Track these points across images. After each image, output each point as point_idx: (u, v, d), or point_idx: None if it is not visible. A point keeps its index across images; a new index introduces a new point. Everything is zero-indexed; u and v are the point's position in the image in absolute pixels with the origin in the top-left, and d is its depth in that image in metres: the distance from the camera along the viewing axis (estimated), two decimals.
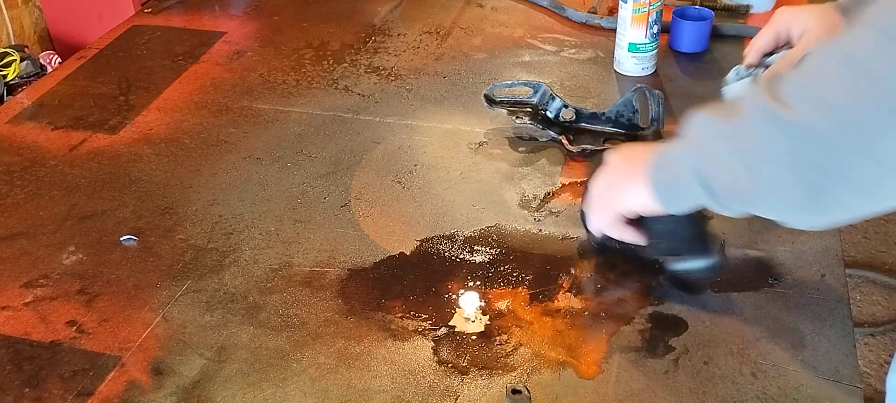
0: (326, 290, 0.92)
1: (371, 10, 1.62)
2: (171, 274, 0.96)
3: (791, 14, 1.03)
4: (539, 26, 1.52)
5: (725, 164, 0.69)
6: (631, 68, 1.34)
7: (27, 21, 2.46)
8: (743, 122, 0.67)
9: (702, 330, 0.85)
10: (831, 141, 0.61)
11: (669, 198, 0.78)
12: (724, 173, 0.69)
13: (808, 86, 0.63)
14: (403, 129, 1.22)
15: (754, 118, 0.66)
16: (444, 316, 0.88)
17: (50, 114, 1.30)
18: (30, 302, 0.93)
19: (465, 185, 1.09)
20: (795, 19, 1.03)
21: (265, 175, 1.13)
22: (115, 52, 1.49)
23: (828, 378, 0.79)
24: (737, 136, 0.68)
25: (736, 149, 0.68)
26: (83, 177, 1.15)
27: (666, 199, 0.78)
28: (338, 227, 1.02)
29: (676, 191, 0.77)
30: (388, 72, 1.38)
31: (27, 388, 0.82)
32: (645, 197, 0.80)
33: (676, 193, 0.77)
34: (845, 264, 0.94)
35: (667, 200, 0.78)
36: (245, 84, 1.37)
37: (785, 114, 0.63)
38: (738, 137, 0.68)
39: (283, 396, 0.80)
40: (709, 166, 0.71)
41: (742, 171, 0.68)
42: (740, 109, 0.68)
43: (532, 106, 1.20)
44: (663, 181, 0.78)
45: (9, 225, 1.05)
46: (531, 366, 0.82)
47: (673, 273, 0.91)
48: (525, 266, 0.95)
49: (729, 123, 0.69)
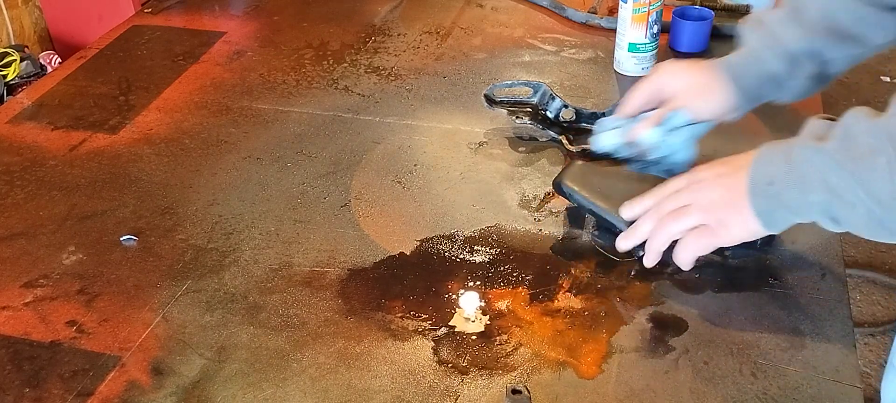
0: (326, 290, 0.92)
1: (371, 10, 1.62)
2: (171, 274, 0.96)
3: (669, 73, 1.01)
4: (539, 26, 1.52)
5: (859, 204, 0.72)
6: (631, 68, 1.34)
7: (27, 21, 2.46)
8: (877, 165, 0.70)
9: (702, 330, 0.85)
10: None
11: (778, 225, 0.81)
12: (856, 212, 0.73)
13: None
14: (403, 129, 1.22)
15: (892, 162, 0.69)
16: (444, 316, 0.88)
17: (50, 114, 1.30)
18: (30, 302, 0.93)
19: (465, 185, 1.09)
20: (672, 79, 1.01)
21: (265, 175, 1.13)
22: (115, 52, 1.49)
23: (828, 378, 0.79)
24: (873, 180, 0.70)
25: (873, 194, 0.71)
26: (83, 177, 1.15)
27: (774, 226, 0.81)
28: (338, 227, 1.02)
29: (789, 218, 0.79)
30: (388, 72, 1.38)
31: (27, 388, 0.82)
32: (750, 225, 0.81)
33: (789, 220, 0.80)
34: (845, 264, 0.94)
35: (774, 227, 0.81)
36: (245, 84, 1.37)
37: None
38: (873, 181, 0.70)
39: (283, 396, 0.80)
40: (839, 207, 0.74)
41: (880, 213, 0.71)
42: (869, 147, 0.71)
43: (532, 106, 1.20)
44: (776, 213, 0.79)
45: (9, 225, 1.06)
46: (531, 366, 0.82)
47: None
48: (525, 266, 0.95)
49: (859, 163, 0.71)
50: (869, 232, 0.74)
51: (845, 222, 0.75)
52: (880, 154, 0.70)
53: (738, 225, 0.82)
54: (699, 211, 0.84)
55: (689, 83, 0.99)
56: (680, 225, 0.85)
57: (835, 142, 0.74)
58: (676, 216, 0.86)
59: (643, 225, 0.88)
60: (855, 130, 0.72)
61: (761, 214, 0.80)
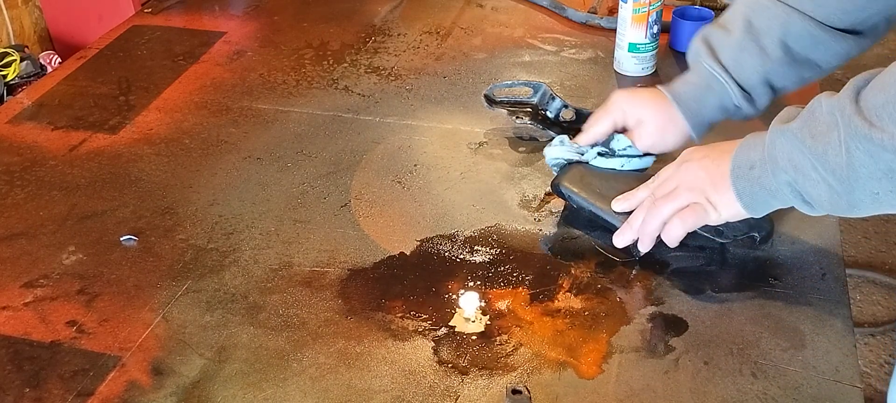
0: (326, 290, 0.92)
1: (371, 10, 1.62)
2: (171, 274, 0.96)
3: (627, 101, 1.02)
4: (539, 26, 1.52)
5: (821, 181, 0.74)
6: (631, 68, 1.34)
7: (27, 21, 2.46)
8: (832, 141, 0.72)
9: (702, 330, 0.85)
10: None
11: (760, 208, 0.83)
12: (820, 188, 0.75)
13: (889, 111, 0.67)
14: (403, 129, 1.22)
15: (844, 138, 0.70)
16: (444, 316, 0.88)
17: (50, 114, 1.30)
18: (30, 302, 0.93)
19: (465, 185, 1.09)
20: (631, 107, 1.02)
21: (265, 175, 1.13)
22: (115, 52, 1.49)
23: (828, 378, 0.79)
24: (830, 156, 0.72)
25: (831, 168, 0.72)
26: (83, 177, 1.15)
27: (756, 209, 0.83)
28: (338, 227, 1.02)
29: (769, 201, 0.82)
30: (388, 72, 1.38)
31: (27, 388, 0.82)
32: (734, 207, 0.84)
33: (769, 202, 0.82)
34: (845, 264, 0.94)
35: (757, 209, 0.83)
36: (245, 84, 1.37)
37: (876, 135, 0.68)
38: (830, 157, 0.72)
39: (283, 396, 0.80)
40: (804, 183, 0.76)
41: (839, 188, 0.73)
42: (826, 124, 0.72)
43: (532, 106, 1.20)
44: (757, 195, 0.82)
45: (9, 225, 1.06)
46: (531, 366, 0.82)
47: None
48: (525, 266, 0.95)
49: (817, 140, 0.73)
50: (834, 208, 0.76)
51: (814, 201, 0.77)
52: (834, 129, 0.72)
53: (724, 205, 0.85)
54: (687, 191, 0.87)
55: (653, 113, 1.00)
56: (670, 206, 0.88)
57: (798, 122, 0.76)
58: (667, 198, 0.89)
59: (637, 217, 0.91)
60: (816, 109, 0.75)
61: (742, 197, 0.83)
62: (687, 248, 0.95)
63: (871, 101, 0.69)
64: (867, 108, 0.69)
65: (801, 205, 0.79)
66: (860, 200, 0.73)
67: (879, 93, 0.69)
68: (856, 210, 0.74)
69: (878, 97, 0.69)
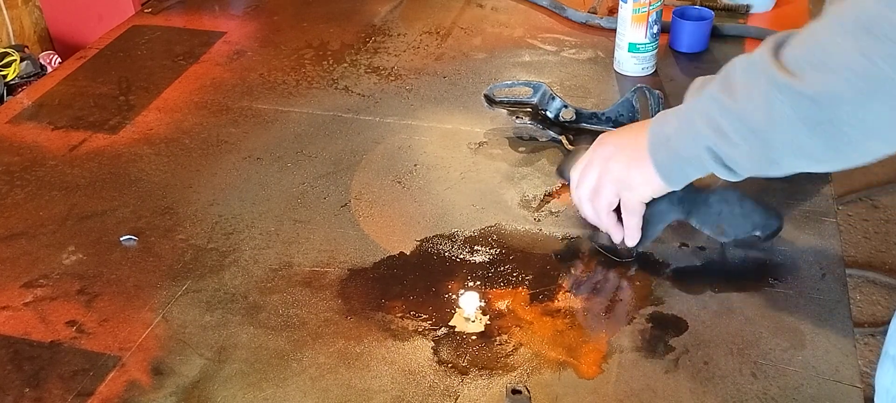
0: (326, 290, 0.92)
1: (371, 10, 1.62)
2: (171, 274, 0.96)
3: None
4: (539, 26, 1.52)
5: (741, 140, 0.73)
6: (631, 68, 1.34)
7: (27, 21, 2.46)
8: (752, 96, 0.71)
9: (702, 330, 0.85)
10: (849, 100, 0.66)
11: (677, 179, 0.83)
12: (740, 148, 0.74)
13: (817, 56, 0.67)
14: (403, 129, 1.22)
15: (765, 91, 0.70)
16: (444, 316, 0.88)
17: (50, 114, 1.30)
18: (30, 302, 0.93)
19: (465, 185, 1.09)
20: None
21: (265, 175, 1.13)
22: (115, 52, 1.49)
23: (828, 378, 0.79)
24: (749, 111, 0.72)
25: (751, 125, 0.72)
26: (83, 177, 1.15)
27: (673, 181, 0.84)
28: (338, 227, 1.02)
29: (686, 171, 0.82)
30: (388, 72, 1.38)
31: (27, 388, 0.82)
32: (654, 181, 0.84)
33: (686, 172, 0.82)
34: (845, 264, 0.94)
35: (674, 181, 0.84)
36: (245, 84, 1.37)
37: (796, 84, 0.68)
38: (750, 112, 0.72)
39: (283, 396, 0.80)
40: (724, 144, 0.75)
41: (759, 144, 0.72)
42: (744, 82, 0.72)
43: (532, 106, 1.20)
44: (673, 163, 0.82)
45: (9, 226, 1.06)
46: (531, 366, 0.82)
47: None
48: (525, 266, 0.95)
49: (736, 98, 0.73)
50: (754, 168, 0.76)
51: (734, 163, 0.76)
52: (754, 86, 0.72)
53: (642, 183, 0.86)
54: (610, 183, 0.88)
55: None
56: (601, 203, 0.90)
57: (715, 85, 0.76)
58: (596, 195, 0.90)
59: (585, 210, 0.93)
60: (732, 71, 0.75)
61: (660, 168, 0.83)
62: (687, 248, 0.95)
63: (791, 54, 0.70)
64: (787, 61, 0.70)
65: (721, 170, 0.78)
66: (781, 155, 0.73)
67: (798, 47, 0.70)
68: (776, 166, 0.74)
69: (797, 50, 0.69)
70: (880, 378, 1.10)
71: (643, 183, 0.85)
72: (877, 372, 1.11)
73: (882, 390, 1.10)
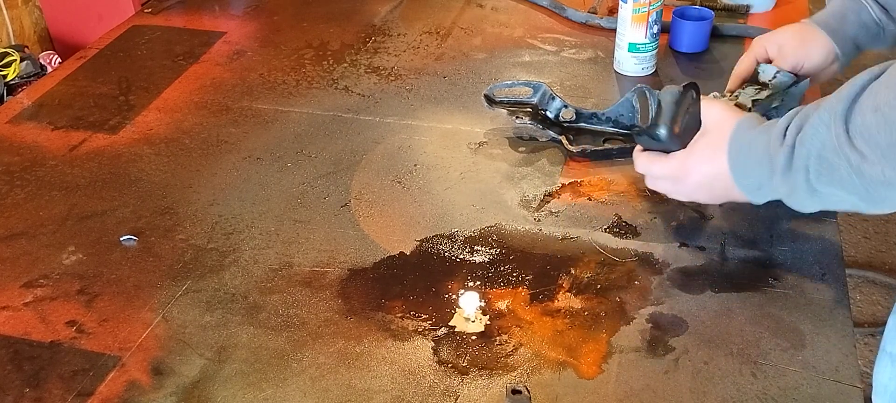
0: (326, 290, 0.92)
1: (371, 10, 1.62)
2: (171, 274, 0.96)
3: (765, 38, 1.07)
4: (539, 26, 1.52)
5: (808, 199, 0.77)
6: (631, 68, 1.34)
7: (27, 21, 2.46)
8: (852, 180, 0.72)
9: (702, 330, 0.85)
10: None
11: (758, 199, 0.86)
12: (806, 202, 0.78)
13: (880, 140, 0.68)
14: (403, 129, 1.22)
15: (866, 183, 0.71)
16: (444, 316, 0.88)
17: (50, 114, 1.30)
18: (30, 302, 0.93)
19: (465, 185, 1.09)
20: (770, 40, 1.07)
21: (265, 175, 1.13)
22: (115, 52, 1.49)
23: (828, 378, 0.79)
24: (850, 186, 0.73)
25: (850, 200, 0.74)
26: (83, 177, 1.15)
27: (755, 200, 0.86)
28: (338, 227, 1.02)
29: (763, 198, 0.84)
30: (388, 72, 1.38)
31: (27, 388, 0.82)
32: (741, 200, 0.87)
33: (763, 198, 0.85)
34: (845, 264, 0.94)
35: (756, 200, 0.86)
36: (245, 84, 1.37)
37: (864, 166, 0.70)
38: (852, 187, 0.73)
39: (283, 396, 0.80)
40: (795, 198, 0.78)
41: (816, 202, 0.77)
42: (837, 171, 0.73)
43: (532, 106, 1.20)
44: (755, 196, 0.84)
45: (9, 226, 1.06)
46: (531, 366, 0.82)
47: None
48: (525, 266, 0.95)
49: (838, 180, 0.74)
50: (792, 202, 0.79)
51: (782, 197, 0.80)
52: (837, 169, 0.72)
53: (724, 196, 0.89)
54: (683, 198, 0.92)
55: (789, 39, 1.04)
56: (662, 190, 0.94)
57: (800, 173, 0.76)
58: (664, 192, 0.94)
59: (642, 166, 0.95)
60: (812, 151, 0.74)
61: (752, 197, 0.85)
62: (687, 248, 0.95)
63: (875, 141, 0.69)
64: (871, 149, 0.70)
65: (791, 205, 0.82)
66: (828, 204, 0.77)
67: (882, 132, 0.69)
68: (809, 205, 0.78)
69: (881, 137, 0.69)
70: (878, 374, 1.11)
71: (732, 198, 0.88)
72: (874, 369, 1.11)
73: (880, 387, 1.11)
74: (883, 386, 1.11)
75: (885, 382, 1.11)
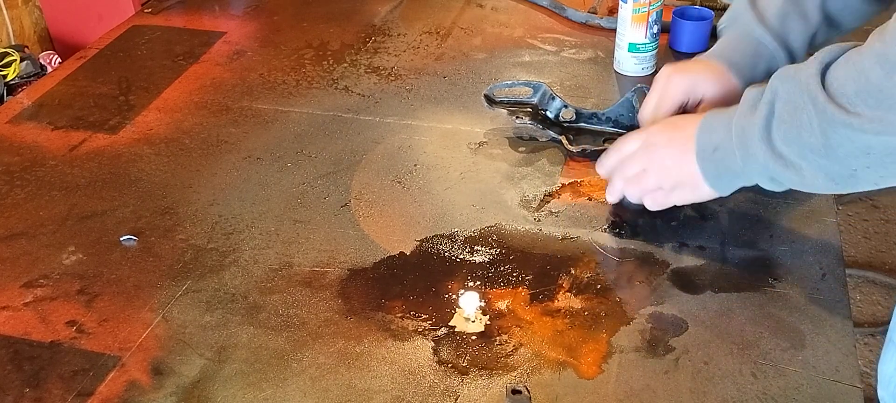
0: (326, 290, 0.92)
1: (371, 10, 1.62)
2: (171, 274, 0.96)
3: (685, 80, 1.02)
4: (539, 26, 1.52)
5: (801, 168, 0.77)
6: (631, 68, 1.34)
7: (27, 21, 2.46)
8: (812, 129, 0.74)
9: (702, 330, 0.85)
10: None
11: (726, 187, 0.88)
12: (799, 175, 0.78)
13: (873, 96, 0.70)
14: (403, 129, 1.22)
15: (824, 126, 0.73)
16: (444, 316, 0.88)
17: (50, 114, 1.30)
18: (30, 302, 0.93)
19: (465, 185, 1.09)
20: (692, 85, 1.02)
21: (265, 175, 1.13)
22: (115, 52, 1.49)
23: (828, 378, 0.79)
24: (806, 138, 0.75)
25: (813, 156, 0.76)
26: (83, 177, 1.15)
27: (722, 188, 0.88)
28: (338, 227, 1.02)
29: (734, 183, 0.87)
30: (388, 72, 1.38)
31: (27, 388, 0.82)
32: (702, 188, 0.89)
33: (734, 183, 0.87)
34: (845, 264, 0.94)
35: (723, 188, 0.88)
36: (245, 84, 1.37)
37: (859, 123, 0.71)
38: (808, 140, 0.75)
39: (283, 396, 0.80)
40: (784, 172, 0.79)
41: (821, 175, 0.76)
42: (801, 113, 0.75)
43: (532, 106, 1.20)
44: (723, 176, 0.87)
45: (9, 226, 1.06)
46: (531, 366, 0.82)
47: None
48: (525, 266, 0.95)
49: (795, 130, 0.76)
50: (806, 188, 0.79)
51: (787, 182, 0.81)
52: (802, 112, 0.75)
53: (690, 188, 0.90)
54: (655, 176, 0.92)
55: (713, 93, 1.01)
56: (640, 189, 0.95)
57: (764, 108, 0.79)
58: (637, 180, 0.94)
59: (615, 184, 0.98)
60: (780, 93, 0.78)
61: (709, 178, 0.88)
62: (687, 248, 0.95)
63: (844, 89, 0.72)
64: (839, 95, 0.72)
65: (769, 185, 0.83)
66: (838, 174, 0.76)
67: (850, 81, 0.72)
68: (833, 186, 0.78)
69: (848, 85, 0.72)
70: (883, 365, 1.10)
71: (690, 188, 0.90)
72: (880, 361, 1.11)
73: (885, 378, 1.10)
74: (888, 377, 1.11)
75: (890, 373, 1.10)
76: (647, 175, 0.93)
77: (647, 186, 0.94)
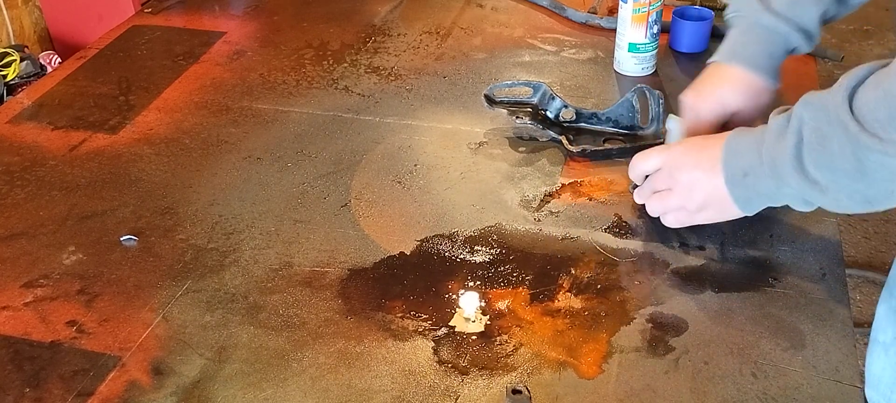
0: (326, 290, 0.92)
1: (371, 10, 1.62)
2: (171, 274, 0.96)
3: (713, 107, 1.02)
4: (539, 26, 1.52)
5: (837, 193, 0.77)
6: (631, 68, 1.34)
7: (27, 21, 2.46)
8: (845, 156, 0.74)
9: (702, 330, 0.85)
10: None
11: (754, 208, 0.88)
12: (835, 199, 0.78)
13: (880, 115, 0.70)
14: (403, 129, 1.22)
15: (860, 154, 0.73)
16: (444, 316, 0.88)
17: (50, 114, 1.30)
18: (30, 302, 0.93)
19: (465, 185, 1.09)
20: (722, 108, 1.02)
21: (265, 175, 1.13)
22: (115, 52, 1.49)
23: (828, 378, 0.79)
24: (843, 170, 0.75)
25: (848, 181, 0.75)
26: (83, 177, 1.15)
27: (751, 209, 0.88)
28: (338, 227, 1.02)
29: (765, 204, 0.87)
30: (388, 72, 1.38)
31: (27, 388, 0.82)
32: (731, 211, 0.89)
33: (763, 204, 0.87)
34: (845, 264, 0.94)
35: (752, 209, 0.88)
36: (245, 84, 1.37)
37: (893, 150, 0.70)
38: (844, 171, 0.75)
39: (283, 396, 0.80)
40: (820, 197, 0.79)
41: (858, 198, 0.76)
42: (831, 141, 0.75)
43: (532, 106, 1.20)
44: (753, 200, 0.87)
45: (9, 226, 1.06)
46: (531, 366, 0.82)
47: None
48: (525, 266, 0.95)
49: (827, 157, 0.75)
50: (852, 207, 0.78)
51: (822, 205, 0.81)
52: (831, 139, 0.74)
53: (716, 209, 0.90)
54: (678, 197, 0.92)
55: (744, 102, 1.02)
56: (663, 207, 0.95)
57: (792, 137, 0.78)
58: (660, 198, 0.95)
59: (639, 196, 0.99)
60: (806, 120, 0.77)
61: (739, 202, 0.87)
62: (687, 248, 0.95)
63: (875, 115, 0.71)
64: (870, 122, 0.71)
65: (803, 207, 0.83)
66: (875, 196, 0.76)
67: (882, 108, 0.71)
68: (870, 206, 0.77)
69: (880, 111, 0.71)
70: (870, 365, 1.10)
71: (717, 209, 0.90)
72: (866, 360, 1.11)
73: (873, 377, 1.10)
74: (876, 377, 1.11)
75: (877, 372, 1.10)
76: (670, 195, 0.93)
77: (670, 205, 0.93)
